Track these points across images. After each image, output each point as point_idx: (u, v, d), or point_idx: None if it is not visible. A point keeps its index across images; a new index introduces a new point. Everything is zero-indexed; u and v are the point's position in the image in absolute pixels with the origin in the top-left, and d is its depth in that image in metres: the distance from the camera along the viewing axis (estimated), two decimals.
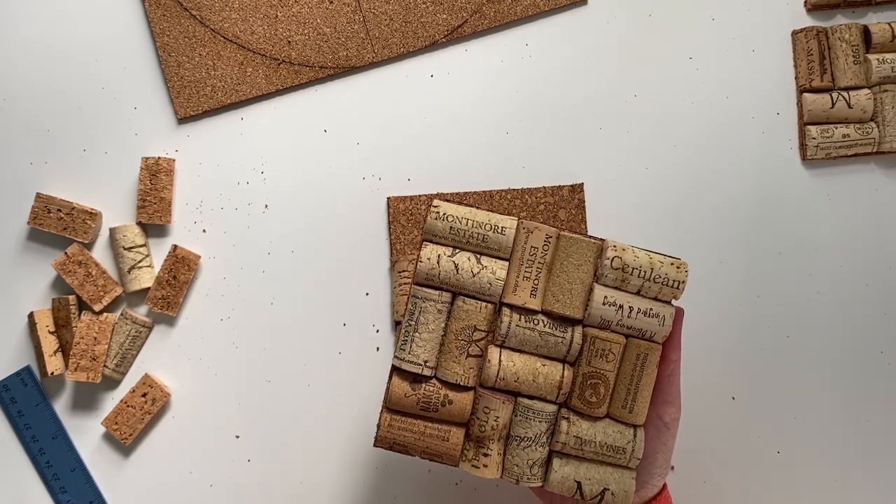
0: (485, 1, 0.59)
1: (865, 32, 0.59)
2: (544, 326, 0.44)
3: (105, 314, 0.56)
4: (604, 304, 0.43)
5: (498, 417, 0.43)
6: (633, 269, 0.43)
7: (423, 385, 0.44)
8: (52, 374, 0.55)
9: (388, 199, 0.59)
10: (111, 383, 0.58)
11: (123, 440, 0.56)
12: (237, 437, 0.58)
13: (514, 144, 0.59)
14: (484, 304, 0.43)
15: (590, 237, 0.44)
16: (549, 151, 0.60)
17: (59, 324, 0.57)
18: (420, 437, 0.43)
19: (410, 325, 0.43)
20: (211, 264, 0.58)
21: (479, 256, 0.44)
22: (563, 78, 0.60)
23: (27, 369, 0.58)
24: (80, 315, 0.56)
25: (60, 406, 0.58)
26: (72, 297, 0.56)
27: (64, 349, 0.57)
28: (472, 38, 0.60)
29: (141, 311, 0.58)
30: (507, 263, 0.44)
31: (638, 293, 0.44)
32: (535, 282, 0.44)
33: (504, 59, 0.60)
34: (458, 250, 0.44)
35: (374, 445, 0.44)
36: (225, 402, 0.58)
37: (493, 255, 0.44)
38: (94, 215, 0.56)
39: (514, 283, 0.44)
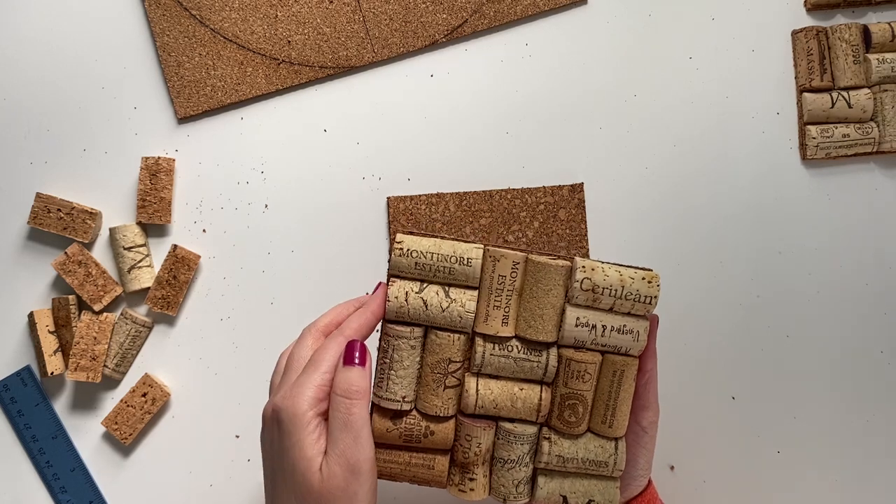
0: (485, 1, 0.59)
1: (865, 32, 0.59)
2: (518, 352, 0.44)
3: (105, 314, 0.56)
4: (576, 325, 0.43)
5: (480, 443, 0.43)
6: (604, 288, 0.43)
7: (404, 419, 0.43)
8: (52, 373, 0.55)
9: (388, 198, 0.59)
10: (111, 383, 0.58)
11: (123, 440, 0.56)
12: (237, 437, 0.58)
13: (514, 144, 0.59)
14: (457, 335, 0.43)
15: (559, 258, 0.44)
16: (549, 151, 0.60)
17: (59, 323, 0.57)
18: (406, 467, 0.44)
19: (385, 363, 0.43)
20: (211, 264, 0.58)
21: (447, 289, 0.43)
22: (563, 78, 0.60)
23: (27, 369, 0.58)
24: (80, 315, 0.56)
25: (60, 406, 0.58)
26: (72, 297, 0.56)
27: (64, 349, 0.57)
28: (472, 38, 0.60)
29: (141, 311, 0.58)
30: (476, 293, 0.43)
31: (610, 310, 0.44)
32: (506, 309, 0.43)
33: (504, 59, 0.60)
34: (425, 285, 0.43)
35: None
36: (225, 402, 0.58)
37: (462, 286, 0.43)
38: (94, 215, 0.56)
39: (485, 313, 0.43)
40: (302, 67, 0.59)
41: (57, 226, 0.56)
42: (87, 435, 0.58)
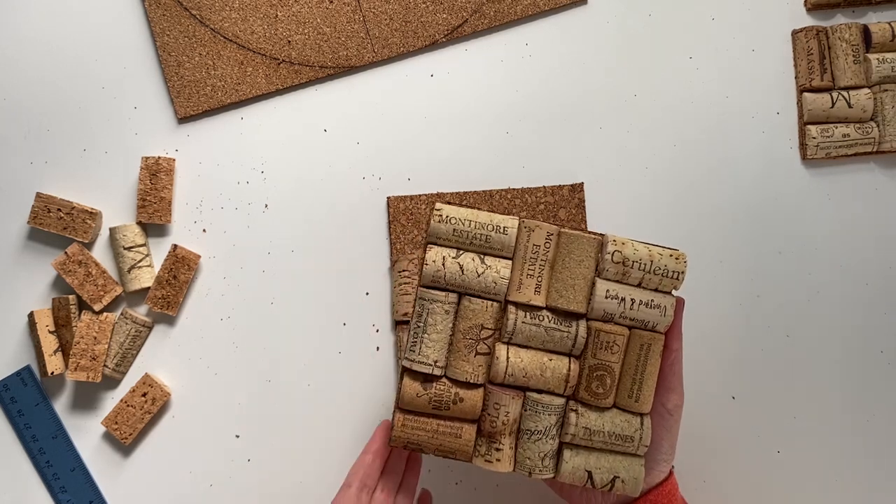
0: (485, 1, 0.59)
1: (865, 32, 0.59)
2: (549, 322, 0.45)
3: (105, 314, 0.56)
4: (606, 297, 0.44)
5: (508, 412, 0.44)
6: (634, 262, 0.44)
7: (434, 384, 0.45)
8: (52, 373, 0.55)
9: (388, 198, 0.59)
10: (111, 383, 0.58)
11: (123, 440, 0.56)
12: (237, 437, 0.58)
13: (514, 144, 0.59)
14: (490, 302, 0.44)
15: (590, 233, 0.45)
16: (549, 151, 0.60)
17: (59, 323, 0.57)
18: (433, 434, 0.45)
19: (419, 327, 0.44)
20: (211, 264, 0.58)
21: (482, 257, 0.44)
22: (563, 78, 0.60)
23: (27, 369, 0.58)
24: (80, 315, 0.56)
25: (60, 406, 0.58)
26: (72, 297, 0.56)
27: (64, 349, 0.57)
28: (472, 38, 0.60)
29: (141, 311, 0.58)
30: (510, 262, 0.45)
31: (639, 285, 0.45)
32: (539, 279, 0.45)
33: (504, 59, 0.60)
34: (462, 251, 0.45)
35: (389, 445, 0.45)
36: (225, 402, 0.58)
37: (497, 255, 0.45)
38: (94, 215, 0.56)
39: (519, 281, 0.45)
40: (302, 67, 0.59)
41: (57, 226, 0.56)
42: (87, 435, 0.58)
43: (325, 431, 0.58)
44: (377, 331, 0.59)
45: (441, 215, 0.44)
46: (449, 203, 0.45)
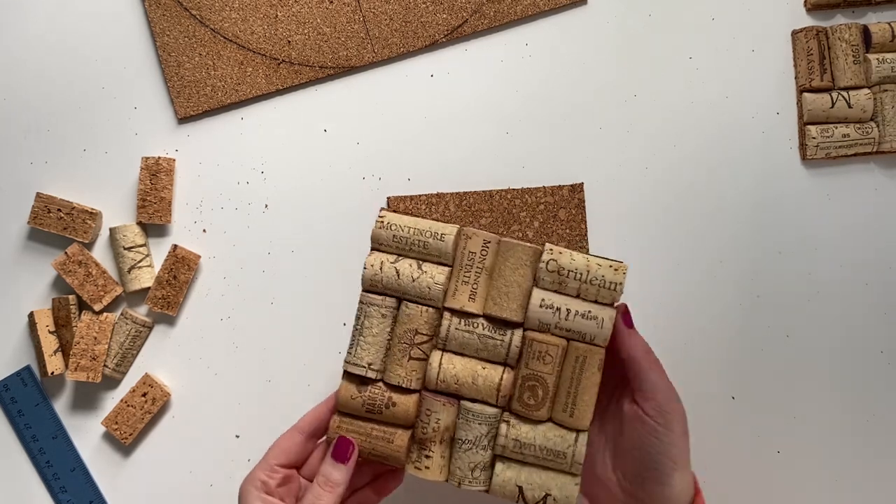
0: (485, 1, 0.59)
1: (865, 32, 0.59)
2: (483, 329, 0.44)
3: (105, 314, 0.56)
4: (541, 306, 0.44)
5: (440, 419, 0.44)
6: (570, 271, 0.44)
7: (369, 387, 0.45)
8: (53, 373, 0.56)
9: (388, 199, 0.59)
10: (111, 383, 0.58)
11: (123, 440, 0.56)
12: (237, 437, 0.58)
13: (514, 144, 0.59)
14: (425, 308, 0.45)
15: (527, 242, 0.45)
16: (549, 151, 0.60)
17: (60, 323, 0.57)
18: (367, 438, 0.45)
19: (357, 329, 0.45)
20: (211, 264, 0.58)
21: (420, 263, 0.45)
22: (563, 78, 0.60)
23: (27, 369, 0.58)
24: (80, 315, 0.56)
25: (60, 406, 0.58)
26: (72, 297, 0.57)
27: (64, 349, 0.57)
28: (472, 38, 0.60)
29: (141, 311, 0.58)
30: (447, 269, 0.45)
31: (577, 296, 0.44)
32: (475, 286, 0.45)
33: (504, 59, 0.60)
34: (401, 257, 0.45)
35: (325, 446, 0.46)
36: (225, 402, 0.58)
37: (435, 262, 0.45)
38: (94, 215, 0.56)
39: (454, 288, 0.45)
40: (302, 67, 0.59)
41: (57, 226, 0.56)
42: (87, 435, 0.58)
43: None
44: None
45: (383, 222, 0.46)
46: (395, 212, 0.46)
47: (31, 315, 0.56)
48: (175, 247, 0.57)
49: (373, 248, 0.46)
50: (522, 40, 0.60)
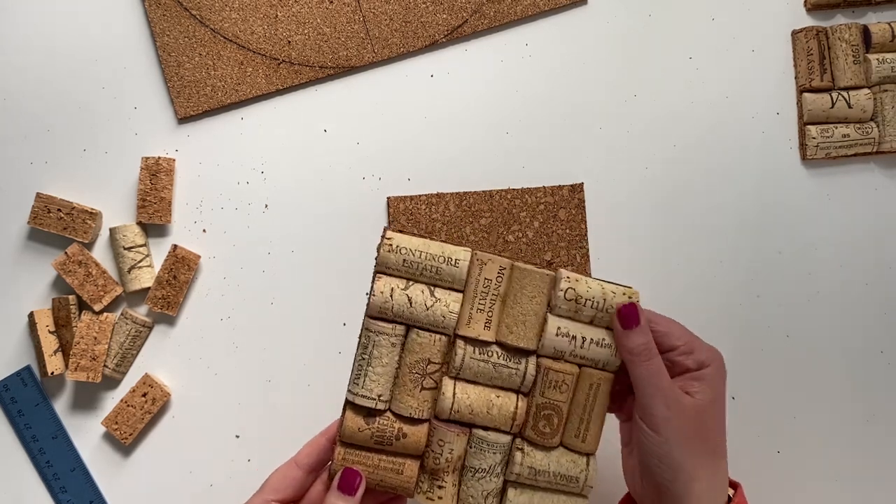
0: (485, 1, 0.59)
1: (865, 32, 0.59)
2: (498, 358, 0.44)
3: (105, 314, 0.56)
4: (557, 334, 0.43)
5: (452, 450, 0.43)
6: (587, 299, 0.43)
7: (378, 419, 0.43)
8: (53, 373, 0.56)
9: (388, 199, 0.59)
10: (111, 383, 0.58)
11: (123, 440, 0.56)
12: (237, 437, 0.58)
13: (514, 144, 0.59)
14: (438, 336, 0.43)
15: (543, 269, 0.44)
16: (549, 151, 0.60)
17: (60, 323, 0.57)
18: (374, 470, 0.43)
19: (364, 359, 0.43)
20: (211, 264, 0.58)
21: (432, 289, 0.43)
22: (563, 78, 0.60)
23: (27, 369, 0.58)
24: (80, 315, 0.56)
25: (60, 406, 0.58)
26: (72, 297, 0.56)
27: (64, 349, 0.57)
28: (472, 38, 0.60)
29: (141, 311, 0.58)
30: (460, 295, 0.44)
31: (591, 323, 0.44)
32: (489, 314, 0.44)
33: (504, 59, 0.60)
34: (411, 283, 0.43)
35: (328, 478, 0.44)
36: (225, 402, 0.58)
37: (447, 287, 0.44)
38: (94, 215, 0.56)
39: (469, 316, 0.43)
40: (302, 67, 0.59)
41: (57, 226, 0.56)
42: (87, 435, 0.58)
43: None
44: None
45: (391, 245, 0.43)
46: (401, 232, 0.44)
47: (31, 315, 0.56)
48: (175, 247, 0.57)
49: (378, 272, 0.44)
50: (522, 40, 0.60)
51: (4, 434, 0.58)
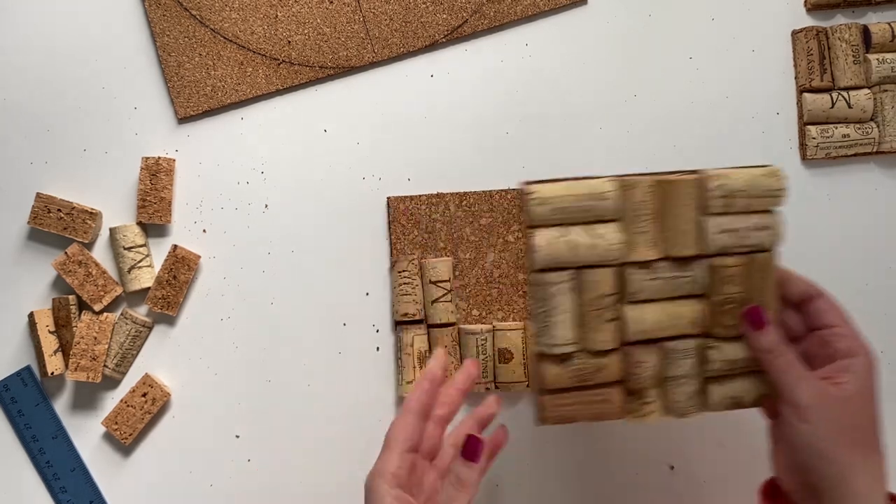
0: (485, 1, 0.59)
1: (865, 32, 0.59)
2: (668, 272, 0.45)
3: (105, 314, 0.56)
4: (718, 232, 0.45)
5: (649, 367, 0.46)
6: (737, 191, 0.45)
7: (573, 360, 0.45)
8: (53, 373, 0.56)
9: (388, 199, 0.59)
10: (111, 383, 0.58)
11: (123, 440, 0.56)
12: (237, 436, 0.58)
13: (514, 144, 0.59)
14: (608, 269, 0.45)
15: (686, 176, 0.46)
16: (549, 151, 0.60)
17: (60, 323, 0.57)
18: (582, 405, 0.46)
19: (544, 311, 0.45)
20: (211, 264, 0.58)
21: (590, 227, 0.45)
22: (563, 78, 0.60)
23: (27, 369, 0.58)
24: (80, 315, 0.56)
25: (60, 406, 0.58)
26: (72, 297, 0.57)
27: (64, 349, 0.57)
28: (472, 38, 0.60)
29: (141, 311, 0.58)
30: (617, 224, 0.45)
31: (745, 211, 0.46)
32: (649, 233, 0.45)
33: (504, 59, 0.60)
34: (568, 228, 0.45)
35: (539, 425, 0.46)
36: (225, 402, 0.58)
37: (603, 221, 0.45)
38: (94, 215, 0.56)
39: (631, 241, 0.45)
40: (302, 67, 0.59)
41: (57, 226, 0.56)
42: (87, 435, 0.58)
43: (325, 431, 0.58)
44: (377, 331, 0.59)
45: (538, 198, 0.44)
46: (540, 182, 0.45)
47: (31, 315, 0.56)
48: (175, 247, 0.57)
49: (532, 227, 0.45)
50: (522, 40, 0.60)
51: (4, 434, 0.58)
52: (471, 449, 0.44)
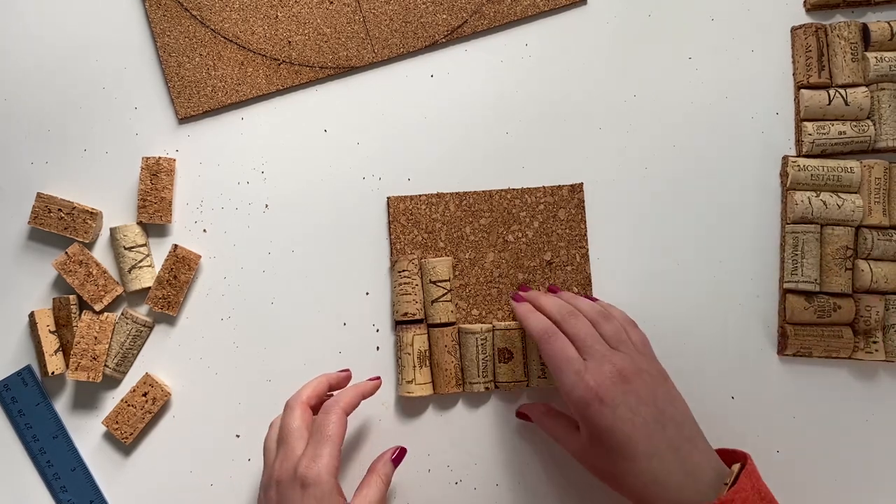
0: (485, 1, 0.59)
1: (864, 30, 0.59)
2: None
3: (106, 314, 0.56)
4: None
5: (878, 312, 0.56)
6: None
7: (816, 298, 0.56)
8: (53, 373, 0.56)
9: (388, 199, 0.59)
10: (112, 383, 0.58)
11: (124, 439, 0.56)
12: (237, 436, 0.58)
13: (514, 144, 0.60)
14: (848, 228, 0.56)
15: None
16: (549, 151, 0.60)
17: (60, 323, 0.57)
18: (820, 338, 0.57)
19: (797, 255, 0.57)
20: (211, 264, 0.59)
21: (836, 193, 0.57)
22: (563, 78, 0.60)
23: (28, 369, 0.58)
24: (80, 314, 0.57)
25: (61, 405, 0.58)
26: (72, 297, 0.57)
27: (64, 349, 0.57)
28: (472, 38, 0.60)
29: (141, 311, 0.58)
30: (858, 195, 0.57)
31: None
32: (884, 204, 0.57)
33: (504, 59, 0.60)
34: (819, 192, 0.57)
35: (781, 354, 0.58)
36: (225, 402, 0.58)
37: (846, 191, 0.57)
38: (94, 215, 0.56)
39: (868, 208, 0.57)
40: (302, 68, 0.59)
41: (57, 226, 0.56)
42: (87, 434, 0.58)
43: None
44: (377, 331, 0.59)
45: (799, 165, 0.57)
46: (801, 156, 0.57)
47: (31, 315, 0.56)
48: (175, 247, 0.57)
49: (790, 189, 0.57)
50: (522, 40, 0.60)
51: (5, 434, 0.58)
52: (399, 457, 0.53)
